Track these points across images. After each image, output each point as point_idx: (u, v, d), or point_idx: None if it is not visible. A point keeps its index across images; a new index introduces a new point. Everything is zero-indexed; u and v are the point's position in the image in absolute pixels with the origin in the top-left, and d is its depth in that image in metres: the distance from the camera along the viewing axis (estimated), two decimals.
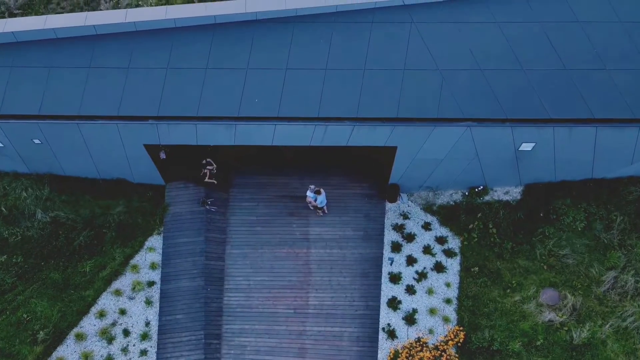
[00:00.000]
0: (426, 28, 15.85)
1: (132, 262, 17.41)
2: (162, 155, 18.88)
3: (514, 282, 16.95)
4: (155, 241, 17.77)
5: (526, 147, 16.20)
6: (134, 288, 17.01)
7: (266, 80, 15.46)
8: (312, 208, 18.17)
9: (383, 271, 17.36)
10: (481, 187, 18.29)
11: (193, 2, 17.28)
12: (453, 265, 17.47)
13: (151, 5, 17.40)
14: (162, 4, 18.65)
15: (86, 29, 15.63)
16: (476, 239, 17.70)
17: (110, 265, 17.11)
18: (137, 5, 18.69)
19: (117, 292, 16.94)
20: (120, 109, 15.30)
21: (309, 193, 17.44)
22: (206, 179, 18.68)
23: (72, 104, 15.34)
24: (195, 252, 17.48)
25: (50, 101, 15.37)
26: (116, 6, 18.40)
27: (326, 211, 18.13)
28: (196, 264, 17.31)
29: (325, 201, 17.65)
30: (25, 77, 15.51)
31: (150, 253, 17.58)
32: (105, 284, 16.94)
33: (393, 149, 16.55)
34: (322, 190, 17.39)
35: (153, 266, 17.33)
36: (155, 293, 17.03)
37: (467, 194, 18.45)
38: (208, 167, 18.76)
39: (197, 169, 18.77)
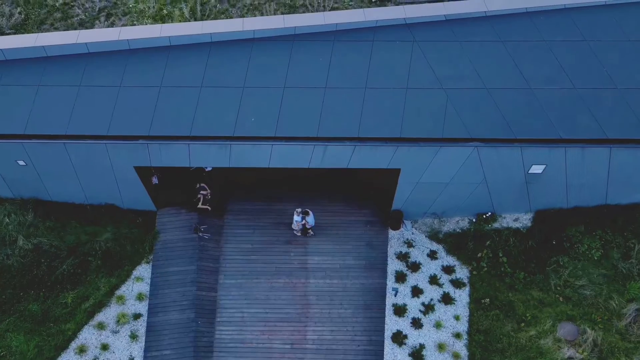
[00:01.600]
0: (429, 46, 15.36)
1: (118, 292, 16.26)
2: (155, 180, 18.06)
3: (528, 315, 15.74)
4: (143, 270, 16.68)
5: (536, 169, 15.38)
6: (118, 321, 15.79)
7: (263, 99, 14.83)
8: (297, 234, 17.20)
9: (387, 303, 16.18)
10: (489, 213, 17.35)
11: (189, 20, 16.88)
12: (462, 297, 16.30)
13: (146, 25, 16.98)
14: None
15: (78, 47, 15.15)
16: (486, 269, 16.62)
17: (93, 296, 15.96)
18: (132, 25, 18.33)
19: (100, 326, 15.71)
20: (109, 129, 14.59)
21: (296, 217, 16.52)
22: (200, 205, 17.76)
23: (59, 123, 14.65)
24: (186, 282, 16.36)
25: (36, 120, 14.69)
26: (111, 27, 18.03)
27: (312, 232, 17.15)
28: (186, 295, 16.15)
29: (314, 221, 16.73)
30: (12, 96, 14.90)
31: (137, 283, 16.45)
32: (88, 317, 15.73)
33: (396, 172, 15.73)
34: (309, 210, 16.52)
35: (140, 297, 16.16)
36: (141, 326, 15.79)
37: (474, 221, 17.49)
38: (202, 192, 17.89)
39: (191, 194, 17.89)
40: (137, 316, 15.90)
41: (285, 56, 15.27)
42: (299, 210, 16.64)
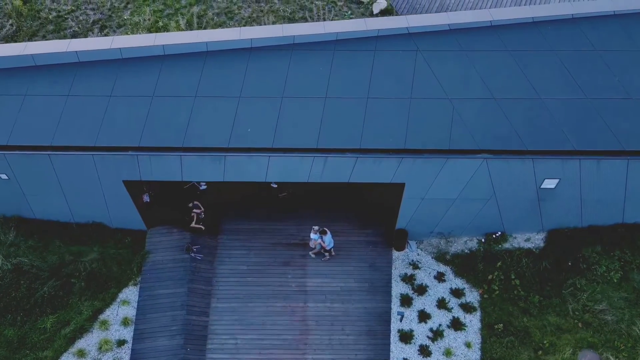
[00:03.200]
0: (433, 56, 14.78)
1: (102, 317, 15.08)
2: (146, 198, 17.15)
3: (546, 342, 14.52)
4: (130, 293, 15.55)
5: (549, 184, 14.51)
6: (100, 348, 14.55)
7: (260, 109, 14.13)
8: (313, 255, 16.17)
9: (392, 328, 14.99)
10: (499, 233, 16.36)
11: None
12: (473, 322, 15.11)
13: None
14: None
15: (68, 56, 14.56)
16: (497, 292, 15.50)
17: (75, 320, 14.78)
18: None
19: (81, 353, 14.46)
20: (97, 140, 13.81)
21: (312, 235, 15.50)
22: (192, 224, 16.78)
23: (44, 134, 13.89)
24: (176, 306, 15.21)
25: (20, 131, 13.93)
26: None
27: (333, 253, 16.10)
28: (176, 320, 14.97)
29: (333, 242, 15.68)
30: None
31: (123, 307, 15.29)
32: (68, 343, 14.51)
33: (400, 187, 14.86)
34: (327, 230, 15.48)
35: (125, 322, 14.97)
36: (125, 354, 14.54)
37: (483, 241, 16.48)
38: (195, 211, 16.94)
39: (183, 212, 16.94)
40: (121, 342, 14.67)
41: (284, 65, 14.67)
42: (316, 227, 15.57)
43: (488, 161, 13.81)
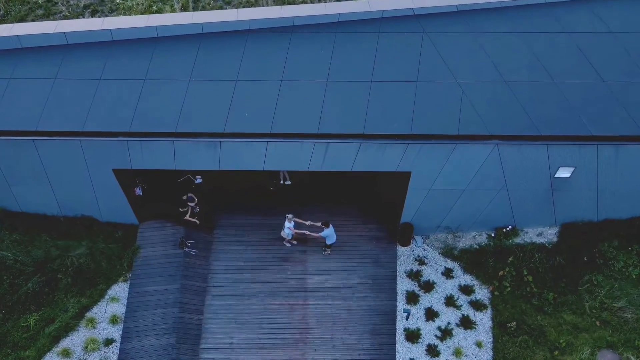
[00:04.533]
0: (440, 39, 14.05)
1: (89, 314, 14.18)
2: (138, 192, 16.34)
3: (562, 341, 13.61)
4: (119, 289, 14.67)
5: (564, 172, 13.70)
6: (86, 347, 13.63)
7: (258, 93, 13.36)
8: (288, 244, 15.33)
9: (397, 327, 14.08)
10: (509, 227, 15.51)
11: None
12: (484, 321, 14.21)
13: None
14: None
15: (56, 37, 13.82)
16: (509, 288, 14.62)
17: (60, 318, 13.88)
18: None
19: (65, 353, 13.54)
20: (85, 125, 13.02)
21: (287, 224, 14.74)
22: (187, 217, 15.94)
23: (29, 118, 13.11)
24: (167, 303, 14.31)
25: (4, 116, 13.16)
26: None
27: (329, 252, 15.32)
28: (167, 318, 14.06)
29: (335, 238, 14.83)
30: None
31: (112, 304, 14.40)
32: (52, 342, 13.60)
33: (405, 178, 14.04)
34: (329, 222, 14.64)
35: (114, 320, 14.07)
36: (112, 354, 13.62)
37: (493, 235, 15.62)
38: (189, 204, 16.10)
39: (177, 205, 16.10)
40: (108, 342, 13.75)
41: (283, 48, 13.93)
42: (290, 216, 14.92)
43: (499, 147, 13.02)
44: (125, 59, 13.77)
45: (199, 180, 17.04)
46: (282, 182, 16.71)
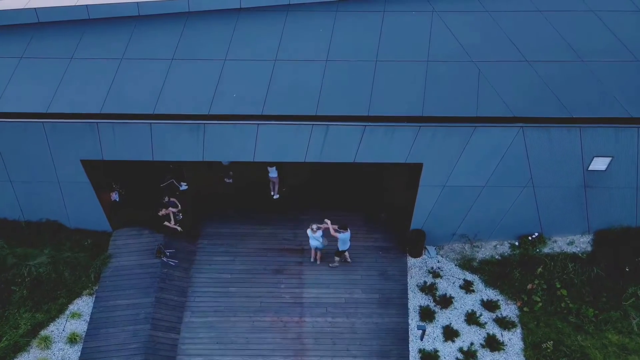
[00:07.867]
0: (452, 17, 12.73)
1: (44, 332, 11.97)
2: (115, 197, 14.54)
3: None
4: (83, 304, 12.52)
5: (599, 164, 11.93)
6: None
7: (249, 74, 11.85)
8: (316, 261, 13.29)
9: (411, 349, 11.81)
10: (535, 234, 13.54)
11: None
12: (513, 341, 11.95)
13: None
14: None
15: (26, 15, 12.49)
16: (540, 304, 12.47)
17: (8, 336, 11.65)
18: None
19: None
20: (50, 106, 11.40)
21: (313, 235, 12.69)
22: (167, 223, 13.99)
23: None
24: (138, 319, 12.12)
25: None
26: None
27: (349, 260, 13.23)
28: (137, 336, 11.83)
29: (349, 244, 12.78)
30: None
31: (72, 320, 12.21)
32: None
33: (416, 173, 12.27)
34: (347, 226, 12.62)
35: (73, 338, 11.83)
36: None
37: (517, 244, 13.62)
38: (171, 209, 14.20)
39: (157, 208, 14.21)
40: None
41: (278, 26, 12.58)
42: (315, 227, 12.79)
43: (525, 130, 11.31)
44: (102, 37, 12.40)
45: (184, 187, 15.23)
46: (272, 193, 14.88)
